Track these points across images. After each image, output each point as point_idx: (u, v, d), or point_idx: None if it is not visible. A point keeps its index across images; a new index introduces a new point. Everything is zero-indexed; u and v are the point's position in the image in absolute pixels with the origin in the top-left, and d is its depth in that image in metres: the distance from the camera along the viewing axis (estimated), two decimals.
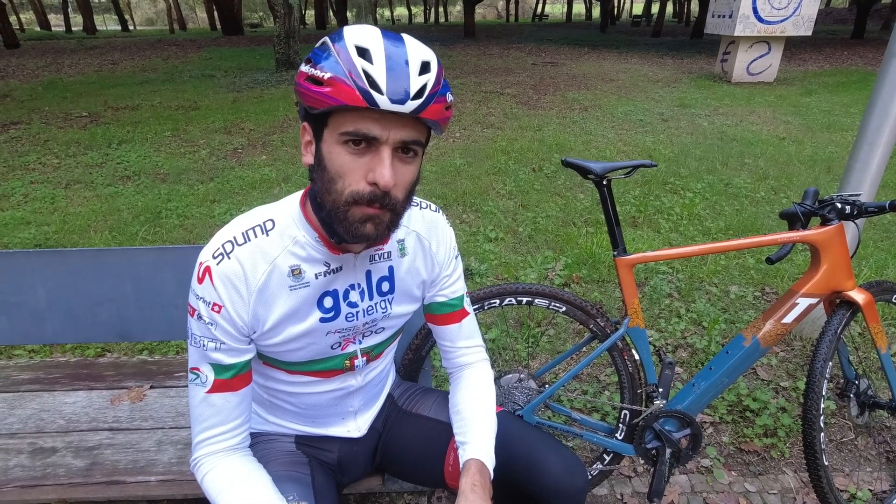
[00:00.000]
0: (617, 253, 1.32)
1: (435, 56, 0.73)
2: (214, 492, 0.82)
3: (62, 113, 6.60)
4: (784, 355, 2.22)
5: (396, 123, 0.70)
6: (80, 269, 1.31)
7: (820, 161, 4.65)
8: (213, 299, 0.79)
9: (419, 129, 0.73)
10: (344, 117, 0.70)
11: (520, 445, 0.96)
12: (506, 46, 14.70)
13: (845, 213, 1.29)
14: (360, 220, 0.73)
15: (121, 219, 3.56)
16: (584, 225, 3.44)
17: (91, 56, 12.85)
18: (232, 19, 20.23)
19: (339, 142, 0.71)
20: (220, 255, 0.79)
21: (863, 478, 1.67)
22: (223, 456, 0.85)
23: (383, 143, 0.70)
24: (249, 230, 0.81)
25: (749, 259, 2.95)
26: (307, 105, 0.72)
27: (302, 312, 0.85)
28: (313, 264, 0.84)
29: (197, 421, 0.85)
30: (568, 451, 0.96)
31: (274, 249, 0.81)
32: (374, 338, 0.96)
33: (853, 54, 12.24)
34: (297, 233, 0.82)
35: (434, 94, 0.71)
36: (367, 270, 0.89)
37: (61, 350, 2.28)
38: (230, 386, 0.84)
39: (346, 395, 0.99)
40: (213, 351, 0.81)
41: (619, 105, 7.07)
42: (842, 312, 1.34)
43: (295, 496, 0.88)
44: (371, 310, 0.91)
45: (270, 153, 5.04)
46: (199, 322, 0.80)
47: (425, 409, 1.09)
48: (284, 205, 0.85)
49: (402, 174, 0.74)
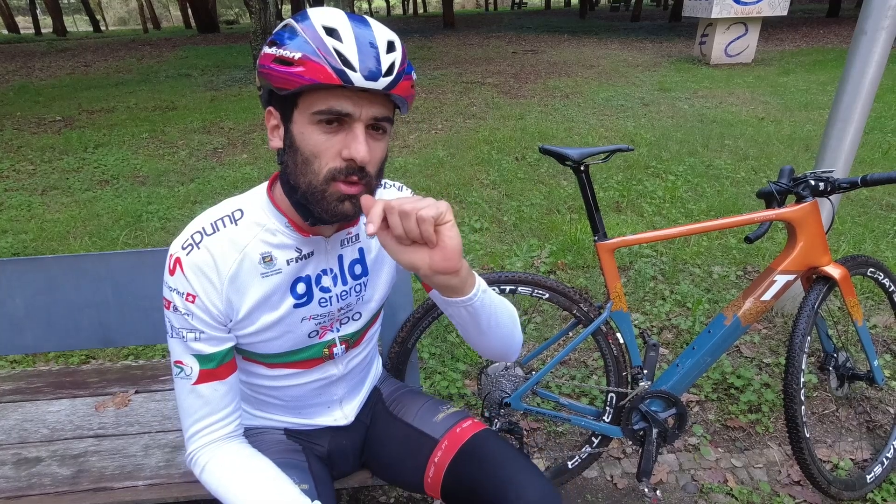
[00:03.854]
0: (597, 238, 1.33)
1: (397, 37, 0.75)
2: (216, 481, 0.82)
3: (35, 118, 6.45)
4: (766, 332, 2.26)
5: (367, 101, 0.72)
6: (59, 277, 1.29)
7: (798, 140, 4.71)
8: (187, 289, 0.79)
9: (388, 107, 0.75)
10: (315, 97, 0.71)
11: (500, 469, 0.95)
12: (486, 36, 14.63)
13: (819, 190, 1.31)
14: (338, 199, 0.75)
15: (100, 224, 3.50)
16: (568, 212, 3.46)
17: (63, 58, 12.55)
18: (207, 17, 19.87)
19: (311, 122, 0.72)
20: (189, 246, 0.79)
21: (845, 448, 1.72)
22: (220, 445, 0.85)
23: (356, 120, 0.72)
24: (218, 220, 0.82)
25: (731, 239, 2.99)
26: (275, 87, 0.72)
27: (275, 299, 0.85)
28: (284, 250, 0.84)
29: (187, 414, 0.84)
30: (546, 481, 0.94)
31: (243, 238, 0.82)
32: (351, 325, 0.96)
33: (829, 33, 12.37)
34: (266, 220, 0.83)
35: (402, 72, 0.73)
36: (339, 255, 0.90)
37: (44, 359, 2.25)
38: (216, 375, 0.84)
39: (329, 383, 1.00)
40: (194, 341, 0.81)
41: (600, 91, 7.09)
42: (818, 288, 1.37)
43: (295, 479, 0.88)
44: (345, 294, 0.91)
45: (251, 151, 4.98)
46: (176, 314, 0.81)
47: (410, 415, 1.09)
48: (252, 194, 0.86)
49: (374, 151, 0.76)
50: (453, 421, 1.05)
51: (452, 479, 0.99)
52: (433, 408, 1.09)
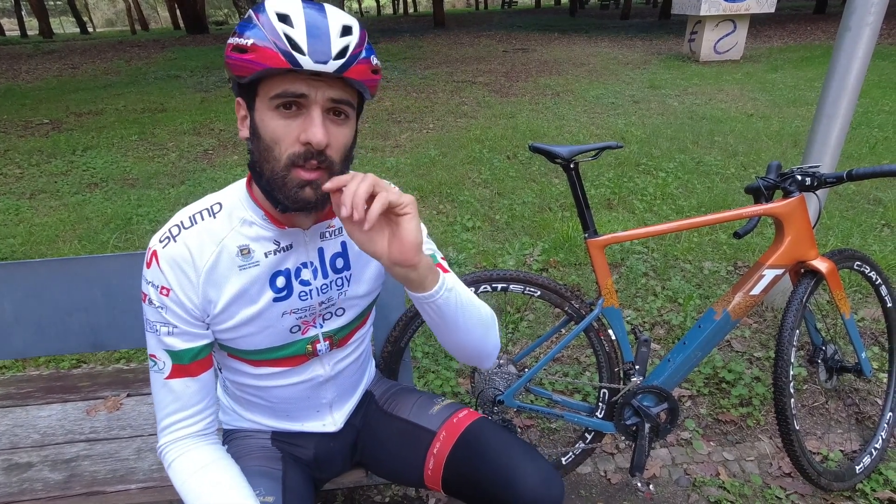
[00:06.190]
0: (588, 235, 1.33)
1: (358, 23, 0.75)
2: (180, 481, 0.83)
3: (22, 121, 6.38)
4: (757, 326, 2.28)
5: (325, 84, 0.72)
6: (48, 280, 1.28)
7: (787, 135, 4.76)
8: (161, 283, 0.80)
9: (348, 91, 0.75)
10: (272, 83, 0.72)
11: (499, 456, 0.96)
12: (476, 35, 14.63)
13: (805, 185, 1.32)
14: (298, 185, 0.75)
15: (90, 227, 3.47)
16: (560, 209, 3.47)
17: (49, 61, 12.41)
18: (195, 17, 19.72)
19: (270, 107, 0.73)
20: (166, 239, 0.80)
21: (834, 439, 1.74)
22: (190, 443, 0.86)
23: (313, 103, 0.72)
24: (196, 214, 0.83)
25: (721, 235, 3.01)
26: (235, 75, 0.74)
27: (253, 292, 0.85)
28: (262, 243, 0.84)
29: (159, 407, 0.85)
30: (546, 464, 0.96)
31: (221, 230, 0.82)
32: (335, 321, 0.96)
33: (816, 29, 12.48)
34: (244, 213, 0.84)
35: (357, 55, 0.72)
36: (320, 248, 0.90)
37: (34, 363, 2.23)
38: (188, 371, 0.84)
39: (316, 385, 0.99)
40: (167, 336, 0.82)
41: (591, 89, 7.12)
42: (806, 281, 1.39)
43: (262, 490, 0.89)
44: (325, 288, 0.91)
45: (242, 153, 4.95)
46: (151, 307, 0.81)
47: (405, 411, 1.09)
48: (231, 189, 0.86)
49: (336, 135, 0.75)
50: (449, 412, 1.05)
51: (453, 469, 0.99)
52: (428, 401, 1.09)
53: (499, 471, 0.94)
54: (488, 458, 0.96)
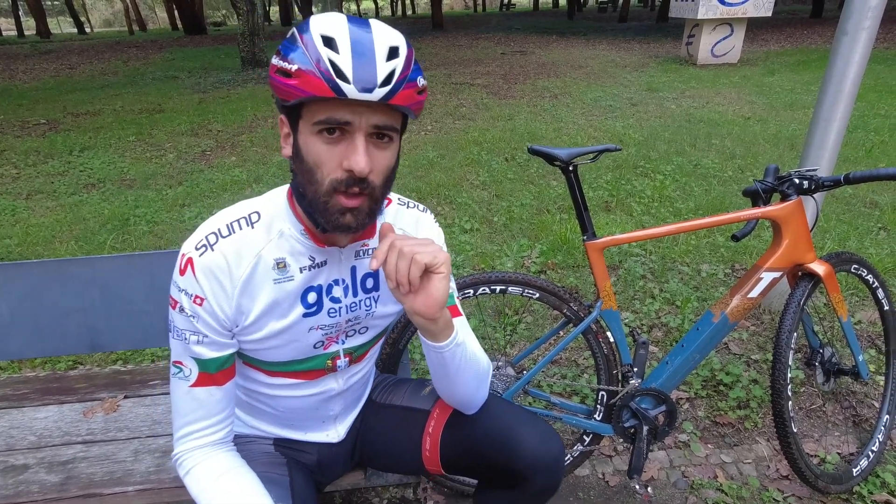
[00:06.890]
0: (586, 237, 1.34)
1: (404, 39, 0.73)
2: (199, 488, 0.82)
3: (18, 121, 6.36)
4: (755, 329, 2.28)
5: (368, 109, 0.70)
6: (44, 282, 1.28)
7: (784, 139, 4.77)
8: (196, 292, 0.78)
9: (392, 115, 0.73)
10: (316, 107, 0.71)
11: (495, 421, 0.97)
12: (474, 37, 14.67)
13: (803, 188, 1.33)
14: (339, 212, 0.74)
15: (87, 228, 3.46)
16: (558, 212, 3.47)
17: (47, 61, 12.39)
18: (193, 18, 19.73)
19: (313, 132, 0.72)
20: (203, 247, 0.78)
21: (831, 442, 1.74)
22: (209, 451, 0.85)
23: (357, 130, 0.71)
24: (234, 222, 0.81)
25: (719, 238, 3.02)
26: (279, 97, 0.72)
27: (285, 306, 0.84)
28: (298, 258, 0.83)
29: (180, 414, 0.84)
30: (542, 423, 0.97)
31: (259, 242, 0.81)
32: (357, 338, 0.95)
33: (813, 33, 12.55)
34: (282, 225, 0.82)
35: (403, 80, 0.71)
36: (353, 266, 0.89)
37: (30, 365, 2.22)
38: (214, 380, 0.83)
39: (327, 399, 0.98)
40: (196, 344, 0.81)
41: (589, 91, 7.14)
42: (804, 284, 1.39)
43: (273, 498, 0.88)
44: (354, 306, 0.90)
45: (240, 154, 4.95)
46: (182, 315, 0.79)
47: (398, 398, 1.10)
48: (271, 197, 0.85)
49: (379, 160, 0.74)
50: None
51: (450, 444, 0.99)
52: (419, 385, 1.10)
53: (496, 435, 0.95)
54: (484, 424, 0.97)
